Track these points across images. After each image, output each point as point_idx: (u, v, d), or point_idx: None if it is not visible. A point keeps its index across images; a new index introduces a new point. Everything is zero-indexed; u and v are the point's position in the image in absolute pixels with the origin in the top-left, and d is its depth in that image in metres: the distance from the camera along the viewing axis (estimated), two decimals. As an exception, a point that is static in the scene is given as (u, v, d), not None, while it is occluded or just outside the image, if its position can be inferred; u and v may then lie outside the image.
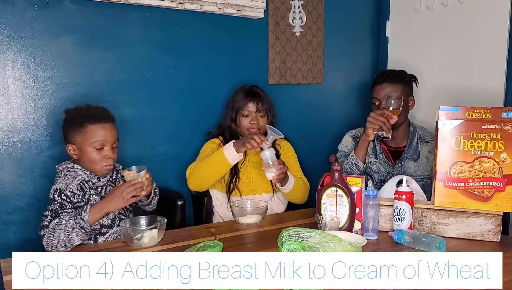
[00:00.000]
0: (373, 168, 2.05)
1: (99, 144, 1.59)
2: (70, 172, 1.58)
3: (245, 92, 2.07)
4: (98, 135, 1.59)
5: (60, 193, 1.50)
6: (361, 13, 2.76)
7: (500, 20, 2.16)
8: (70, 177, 1.56)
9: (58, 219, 1.44)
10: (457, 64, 2.38)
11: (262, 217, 1.74)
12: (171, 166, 2.20)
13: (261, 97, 2.06)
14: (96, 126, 1.59)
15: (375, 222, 1.55)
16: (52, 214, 1.47)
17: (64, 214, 1.47)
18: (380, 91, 2.00)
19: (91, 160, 1.60)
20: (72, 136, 1.60)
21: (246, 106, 2.03)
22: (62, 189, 1.51)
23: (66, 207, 1.49)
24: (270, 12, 2.38)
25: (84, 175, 1.59)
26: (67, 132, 1.62)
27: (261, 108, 2.03)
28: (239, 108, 2.05)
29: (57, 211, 1.48)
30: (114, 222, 1.63)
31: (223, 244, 1.36)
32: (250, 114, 2.04)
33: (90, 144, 1.58)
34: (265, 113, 2.05)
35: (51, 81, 1.89)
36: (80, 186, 1.55)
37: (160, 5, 2.01)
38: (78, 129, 1.59)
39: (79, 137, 1.59)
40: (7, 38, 1.79)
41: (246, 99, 2.04)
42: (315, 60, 2.57)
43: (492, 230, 1.52)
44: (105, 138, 1.60)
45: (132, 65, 2.06)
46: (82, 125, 1.58)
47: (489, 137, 1.49)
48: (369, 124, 1.84)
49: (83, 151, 1.59)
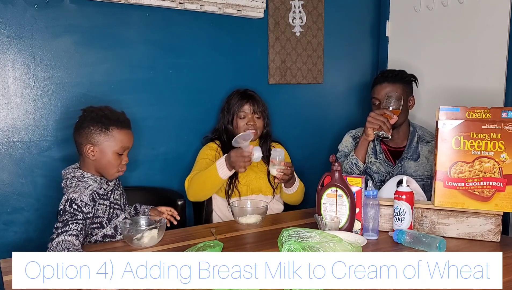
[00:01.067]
0: (373, 168, 2.05)
1: (121, 149, 1.58)
2: (81, 182, 1.55)
3: (240, 94, 2.09)
4: (123, 141, 1.58)
5: (71, 203, 1.46)
6: (361, 13, 2.76)
7: (500, 20, 2.16)
8: (82, 187, 1.52)
9: (63, 237, 1.37)
10: (457, 64, 2.38)
11: (262, 217, 1.74)
12: (171, 166, 2.20)
13: (256, 99, 2.09)
14: (122, 131, 1.58)
15: (375, 222, 1.55)
16: (62, 226, 1.41)
17: (75, 224, 1.42)
18: (380, 91, 2.00)
19: (111, 164, 1.58)
20: (94, 137, 1.55)
21: (242, 108, 2.05)
22: (74, 199, 1.47)
23: (76, 217, 1.44)
24: (270, 12, 2.38)
25: (96, 185, 1.57)
26: (89, 130, 1.56)
27: (257, 109, 2.06)
28: (235, 111, 2.06)
29: (68, 221, 1.41)
30: (116, 230, 1.61)
31: (223, 244, 1.36)
32: (247, 116, 2.05)
33: (114, 148, 1.57)
34: (261, 114, 2.08)
35: (51, 81, 1.89)
36: (91, 197, 1.52)
37: (160, 5, 2.01)
38: (103, 131, 1.56)
39: (103, 139, 1.56)
40: (7, 38, 1.79)
41: (242, 101, 2.06)
42: (315, 60, 2.57)
43: (492, 230, 1.52)
44: (128, 145, 1.61)
45: (132, 65, 2.06)
46: (108, 128, 1.56)
47: (489, 137, 1.49)
48: (369, 124, 1.85)
49: (104, 154, 1.56)
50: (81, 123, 1.59)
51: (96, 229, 1.56)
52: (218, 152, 2.04)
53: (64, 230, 1.38)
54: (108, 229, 1.58)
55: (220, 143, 2.08)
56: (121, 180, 2.00)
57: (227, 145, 2.02)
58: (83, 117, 1.60)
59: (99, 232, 1.57)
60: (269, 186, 2.04)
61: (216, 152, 2.04)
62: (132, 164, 2.09)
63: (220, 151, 2.04)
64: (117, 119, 1.59)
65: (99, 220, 1.56)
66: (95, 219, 1.55)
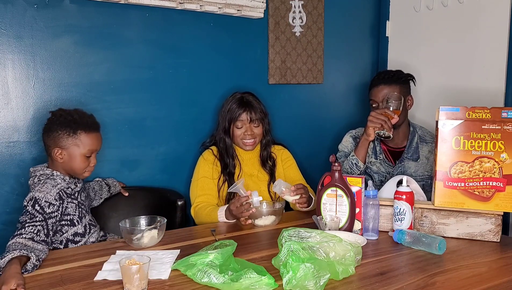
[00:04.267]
0: (373, 168, 2.05)
1: (89, 152, 1.62)
2: (49, 180, 1.57)
3: (237, 101, 1.99)
4: (91, 144, 1.62)
5: (35, 203, 1.48)
6: (361, 13, 2.76)
7: (500, 20, 2.16)
8: (49, 185, 1.55)
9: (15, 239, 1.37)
10: (457, 64, 2.38)
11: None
12: (171, 166, 2.20)
13: (254, 106, 1.98)
14: (89, 135, 1.62)
15: (375, 222, 1.55)
16: (20, 228, 1.42)
17: (31, 227, 1.42)
18: (377, 93, 2.00)
19: (78, 166, 1.61)
20: (62, 140, 1.59)
21: (239, 117, 1.96)
22: (38, 198, 1.49)
23: (35, 219, 1.45)
24: (270, 12, 2.38)
25: (64, 183, 1.60)
26: (57, 134, 1.59)
27: (255, 117, 1.97)
28: (232, 119, 1.98)
29: (25, 224, 1.43)
30: (86, 229, 1.64)
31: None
32: (244, 125, 1.97)
33: (81, 152, 1.60)
34: (259, 122, 1.99)
35: (51, 81, 1.89)
36: (59, 195, 1.55)
37: (160, 5, 2.01)
38: (71, 135, 1.59)
39: (71, 143, 1.59)
40: (7, 38, 1.79)
41: (239, 109, 1.97)
42: (315, 60, 2.57)
43: (492, 230, 1.52)
44: (95, 148, 1.64)
45: (132, 65, 2.06)
46: (75, 132, 1.59)
47: (489, 137, 1.49)
48: (370, 123, 1.84)
49: (72, 157, 1.60)
50: (50, 126, 1.62)
51: (66, 227, 1.58)
52: (215, 164, 1.99)
53: (19, 233, 1.40)
54: (80, 228, 1.60)
55: (217, 151, 2.02)
56: (119, 180, 2.01)
57: (223, 154, 2.00)
58: (52, 120, 1.63)
59: (69, 229, 1.59)
60: (269, 196, 2.01)
61: (213, 164, 1.99)
62: (131, 164, 2.10)
63: (218, 162, 1.99)
64: (85, 123, 1.62)
65: (69, 217, 1.59)
66: (64, 216, 1.57)
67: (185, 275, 1.24)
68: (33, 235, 1.40)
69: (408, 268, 1.32)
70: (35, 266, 1.28)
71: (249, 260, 1.33)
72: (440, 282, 1.22)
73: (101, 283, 1.22)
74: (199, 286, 1.18)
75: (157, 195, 2.06)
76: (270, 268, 1.25)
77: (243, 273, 1.14)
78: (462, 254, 1.42)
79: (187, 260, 1.26)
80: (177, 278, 1.24)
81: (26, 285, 1.19)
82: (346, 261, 1.22)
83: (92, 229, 1.69)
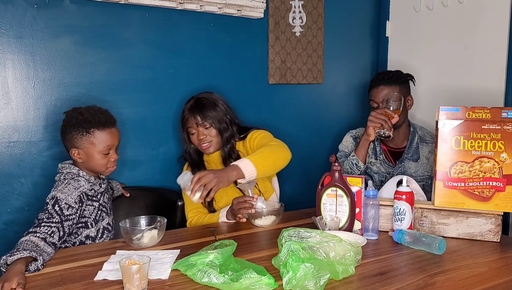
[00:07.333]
0: (373, 168, 2.05)
1: (106, 149, 1.61)
2: (73, 181, 1.57)
3: (187, 108, 1.93)
4: (106, 140, 1.61)
5: (55, 204, 1.49)
6: (361, 13, 2.76)
7: (500, 20, 2.16)
8: (71, 187, 1.55)
9: (29, 237, 1.37)
10: (457, 64, 2.38)
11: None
12: (171, 166, 2.20)
13: (200, 108, 1.88)
14: (103, 132, 1.60)
15: (375, 222, 1.55)
16: (36, 225, 1.43)
17: (46, 227, 1.43)
18: (377, 94, 2.00)
19: (98, 164, 1.61)
20: (77, 141, 1.59)
21: (187, 123, 1.91)
22: (60, 199, 1.50)
23: (52, 219, 1.46)
24: (270, 12, 2.38)
25: (87, 185, 1.60)
26: (71, 136, 1.60)
27: (203, 120, 1.87)
28: (184, 127, 1.94)
29: (41, 223, 1.43)
30: (98, 233, 1.64)
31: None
32: (195, 130, 1.90)
33: (97, 150, 1.59)
34: (210, 124, 1.88)
35: (51, 81, 1.89)
36: (79, 198, 1.56)
37: (160, 5, 2.01)
38: (84, 135, 1.58)
39: (86, 142, 1.59)
40: (7, 38, 1.79)
41: (187, 115, 1.91)
42: (315, 60, 2.57)
43: (492, 230, 1.52)
44: (112, 143, 1.63)
45: (132, 65, 2.06)
46: (88, 131, 1.58)
47: (489, 137, 1.49)
48: (370, 123, 1.84)
49: (89, 156, 1.60)
50: (64, 128, 1.63)
51: (81, 229, 1.59)
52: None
53: (33, 231, 1.40)
54: (93, 231, 1.60)
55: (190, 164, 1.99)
56: (119, 180, 2.01)
57: (192, 162, 1.97)
58: (65, 122, 1.63)
59: (83, 231, 1.59)
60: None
61: None
62: (131, 164, 2.10)
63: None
64: (98, 120, 1.61)
65: (84, 220, 1.59)
66: (80, 219, 1.57)
67: (185, 275, 1.24)
68: (47, 235, 1.41)
69: (408, 268, 1.32)
70: (37, 269, 1.29)
71: (249, 260, 1.33)
72: (440, 282, 1.22)
73: (101, 283, 1.22)
74: (199, 286, 1.18)
75: (157, 195, 2.06)
76: (270, 268, 1.25)
77: (243, 273, 1.14)
78: (462, 254, 1.42)
79: (187, 260, 1.26)
80: (177, 278, 1.24)
81: (26, 285, 1.19)
82: (346, 261, 1.22)
83: (106, 234, 1.68)
